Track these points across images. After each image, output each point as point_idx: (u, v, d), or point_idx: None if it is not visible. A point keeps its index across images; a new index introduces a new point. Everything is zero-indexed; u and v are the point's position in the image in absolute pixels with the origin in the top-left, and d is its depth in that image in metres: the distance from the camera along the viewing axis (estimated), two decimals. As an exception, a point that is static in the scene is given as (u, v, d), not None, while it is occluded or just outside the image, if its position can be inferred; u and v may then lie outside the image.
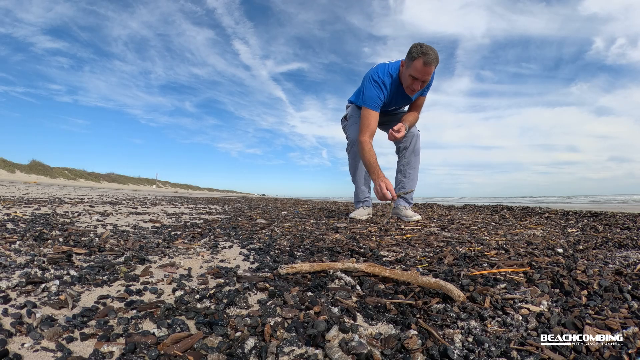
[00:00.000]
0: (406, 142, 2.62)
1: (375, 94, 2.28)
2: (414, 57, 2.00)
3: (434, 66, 2.03)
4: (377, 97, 2.27)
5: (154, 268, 0.88)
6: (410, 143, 2.62)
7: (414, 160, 2.67)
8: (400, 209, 2.63)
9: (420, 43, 2.02)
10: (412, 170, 2.68)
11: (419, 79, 2.08)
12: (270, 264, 0.97)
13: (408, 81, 2.16)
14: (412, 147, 2.63)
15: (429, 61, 1.98)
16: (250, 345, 0.48)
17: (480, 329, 0.57)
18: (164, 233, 1.47)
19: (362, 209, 2.76)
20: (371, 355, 0.47)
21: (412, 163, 2.66)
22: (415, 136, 2.61)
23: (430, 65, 2.00)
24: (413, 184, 2.68)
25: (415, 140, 2.62)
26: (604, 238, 1.60)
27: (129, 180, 40.26)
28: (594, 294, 0.73)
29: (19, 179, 21.94)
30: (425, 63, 1.99)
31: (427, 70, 2.01)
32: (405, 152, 2.66)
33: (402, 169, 2.69)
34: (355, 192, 2.84)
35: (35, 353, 0.45)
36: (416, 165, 2.69)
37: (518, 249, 1.23)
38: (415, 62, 2.01)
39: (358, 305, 0.66)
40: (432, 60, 1.99)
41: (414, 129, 2.60)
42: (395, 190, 2.59)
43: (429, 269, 0.93)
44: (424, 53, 1.97)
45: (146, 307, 0.60)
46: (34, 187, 7.47)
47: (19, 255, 0.92)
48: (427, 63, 1.98)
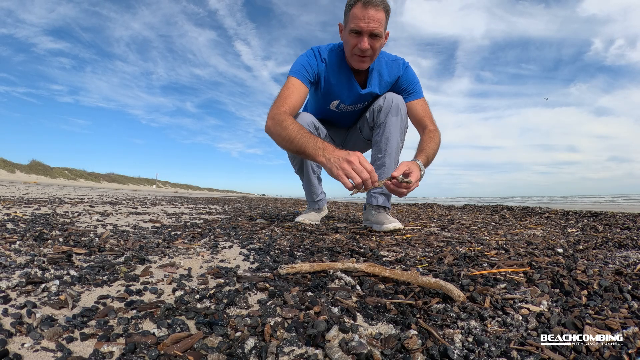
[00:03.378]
0: (380, 101, 1.75)
1: (305, 58, 1.63)
2: (351, 4, 1.46)
3: (381, 8, 1.43)
4: (307, 62, 1.62)
5: (154, 268, 0.88)
6: (385, 100, 1.73)
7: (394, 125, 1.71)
8: (370, 213, 1.82)
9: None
10: (392, 141, 1.72)
11: (363, 31, 1.45)
12: (270, 264, 0.97)
13: (351, 43, 1.51)
14: (390, 105, 1.71)
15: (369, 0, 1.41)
16: (250, 345, 0.48)
17: (480, 329, 0.57)
18: (164, 233, 1.47)
19: (314, 212, 2.08)
20: (371, 355, 0.47)
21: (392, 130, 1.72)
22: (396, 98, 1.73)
23: (374, 5, 1.41)
24: (393, 165, 1.73)
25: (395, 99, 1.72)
26: (604, 238, 1.60)
27: (129, 180, 40.28)
28: (594, 294, 0.73)
29: (19, 179, 21.95)
30: (365, 3, 1.41)
31: (370, 13, 1.42)
32: (380, 114, 1.74)
33: (377, 140, 1.76)
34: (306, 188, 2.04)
35: (35, 353, 0.45)
36: (397, 134, 1.72)
37: (518, 249, 1.23)
38: (354, 9, 1.44)
39: (358, 305, 0.66)
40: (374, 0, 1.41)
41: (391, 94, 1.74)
42: (367, 200, 1.86)
43: (429, 269, 0.93)
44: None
45: (146, 307, 0.60)
46: (34, 187, 7.47)
47: (19, 255, 0.92)
48: (367, 2, 1.41)
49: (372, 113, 1.80)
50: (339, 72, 1.68)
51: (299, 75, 1.60)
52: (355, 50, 1.53)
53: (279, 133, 1.37)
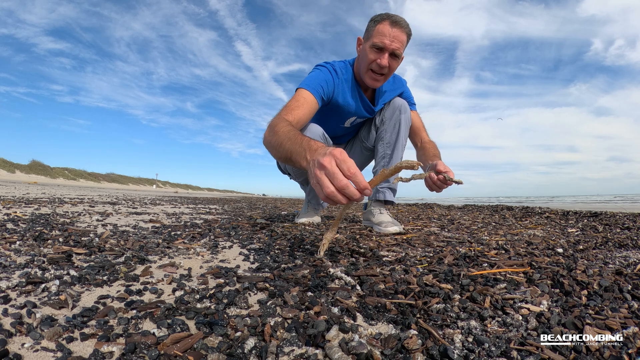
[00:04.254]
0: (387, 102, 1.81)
1: (321, 76, 1.57)
2: (377, 21, 1.49)
3: (405, 32, 1.48)
4: (325, 80, 1.56)
5: (154, 268, 0.88)
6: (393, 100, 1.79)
7: (402, 121, 1.74)
8: (372, 213, 1.79)
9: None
10: (401, 136, 1.74)
11: (386, 48, 1.47)
12: (270, 264, 0.97)
13: (370, 58, 1.51)
14: (398, 103, 1.77)
15: (397, 20, 1.46)
16: (250, 345, 0.48)
17: (480, 329, 0.57)
18: (164, 233, 1.47)
19: (314, 212, 2.07)
20: (371, 355, 0.47)
21: (401, 125, 1.74)
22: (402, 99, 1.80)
23: (401, 27, 1.46)
24: (399, 157, 1.75)
25: (401, 100, 1.79)
26: (604, 238, 1.60)
27: (129, 180, 40.29)
28: (594, 294, 0.73)
29: (19, 179, 21.95)
30: (393, 23, 1.45)
31: (396, 32, 1.45)
32: (387, 111, 1.78)
33: (383, 136, 1.78)
34: (313, 191, 1.99)
35: (35, 353, 0.45)
36: (405, 131, 1.75)
37: (518, 249, 1.23)
38: (380, 26, 1.47)
39: (358, 305, 0.66)
40: (401, 21, 1.46)
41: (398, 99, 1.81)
42: (372, 195, 1.81)
43: (429, 269, 0.93)
44: (389, 15, 1.48)
45: (146, 307, 0.60)
46: (34, 187, 7.47)
47: (19, 255, 0.92)
48: (395, 22, 1.45)
49: (379, 112, 1.84)
50: (352, 89, 1.69)
51: (312, 89, 1.50)
52: (372, 66, 1.53)
53: (269, 141, 1.17)
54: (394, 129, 1.75)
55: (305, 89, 1.49)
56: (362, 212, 2.03)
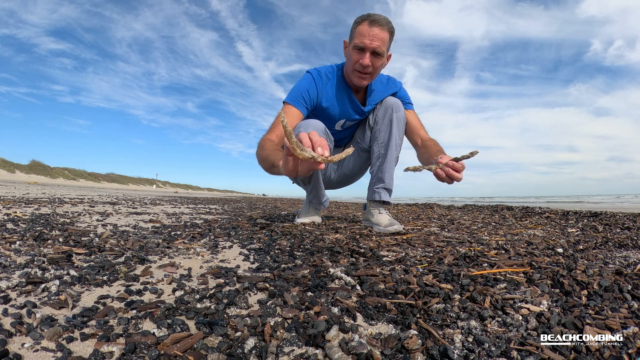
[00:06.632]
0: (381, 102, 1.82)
1: (304, 84, 1.66)
2: (358, 22, 1.54)
3: (385, 29, 1.52)
4: (306, 88, 1.65)
5: (154, 268, 0.88)
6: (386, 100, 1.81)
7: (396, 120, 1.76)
8: (371, 213, 1.84)
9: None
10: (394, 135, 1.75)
11: (366, 48, 1.52)
12: (270, 264, 0.97)
13: (353, 59, 1.57)
14: (391, 103, 1.78)
15: (376, 19, 1.50)
16: (250, 345, 0.48)
17: (480, 329, 0.57)
18: (164, 233, 1.47)
19: (314, 212, 2.09)
20: (371, 355, 0.47)
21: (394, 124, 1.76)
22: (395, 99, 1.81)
23: (380, 25, 1.50)
24: (394, 160, 1.80)
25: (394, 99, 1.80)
26: (604, 238, 1.60)
27: (129, 180, 40.29)
28: (594, 294, 0.73)
29: (19, 179, 21.95)
30: (371, 22, 1.50)
31: (375, 31, 1.50)
32: (381, 110, 1.80)
33: (377, 136, 1.81)
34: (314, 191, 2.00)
35: (35, 353, 0.45)
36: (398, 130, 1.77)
37: (518, 249, 1.23)
38: (360, 27, 1.52)
39: (358, 305, 0.66)
40: (380, 19, 1.50)
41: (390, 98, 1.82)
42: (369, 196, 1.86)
43: (429, 269, 0.93)
44: (368, 15, 1.52)
45: (146, 307, 0.60)
46: (34, 187, 7.47)
47: (19, 255, 0.92)
48: (374, 21, 1.50)
49: (372, 112, 1.87)
50: (340, 92, 1.74)
51: (294, 102, 1.64)
52: (356, 66, 1.59)
53: (259, 155, 1.28)
54: (387, 127, 1.78)
55: (288, 103, 1.65)
56: (362, 213, 2.05)
